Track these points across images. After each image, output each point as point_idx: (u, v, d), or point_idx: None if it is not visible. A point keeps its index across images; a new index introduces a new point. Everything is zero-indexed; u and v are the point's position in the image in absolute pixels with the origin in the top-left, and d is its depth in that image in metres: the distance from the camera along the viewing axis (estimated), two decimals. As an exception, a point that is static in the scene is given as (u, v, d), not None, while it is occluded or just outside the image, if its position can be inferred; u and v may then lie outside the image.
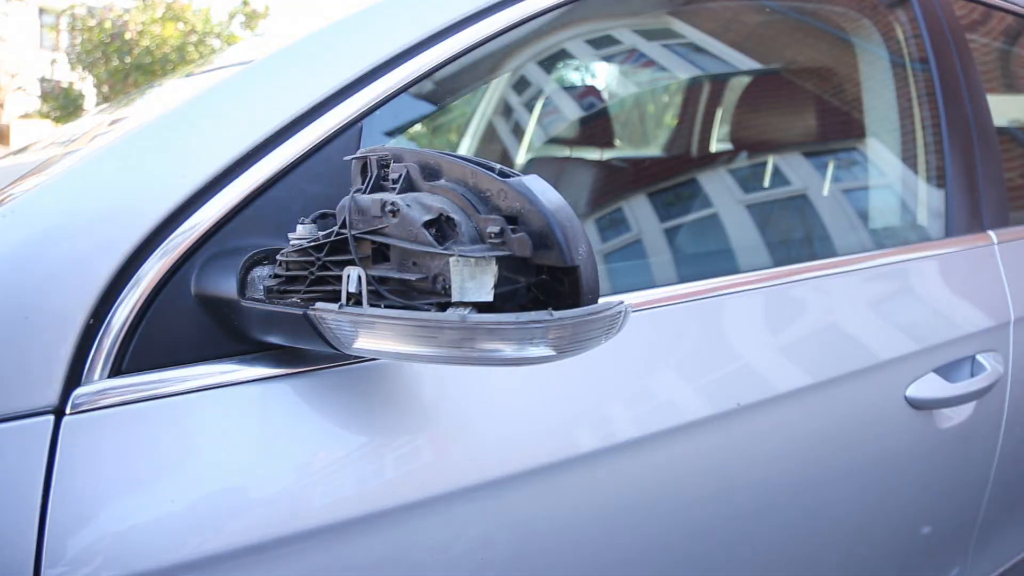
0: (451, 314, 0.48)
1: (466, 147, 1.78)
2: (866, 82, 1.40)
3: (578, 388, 0.77)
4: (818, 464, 0.98)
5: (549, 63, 1.05)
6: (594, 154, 1.72)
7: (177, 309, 0.61)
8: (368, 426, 0.65)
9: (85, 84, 17.32)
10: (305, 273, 0.58)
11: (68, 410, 0.56)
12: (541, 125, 1.63)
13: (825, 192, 1.33)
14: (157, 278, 0.60)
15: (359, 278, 0.53)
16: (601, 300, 0.53)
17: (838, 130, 1.44)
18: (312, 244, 0.58)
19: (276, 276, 0.60)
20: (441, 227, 0.52)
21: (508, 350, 0.49)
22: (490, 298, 0.50)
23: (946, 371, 1.14)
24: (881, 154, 1.42)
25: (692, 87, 1.56)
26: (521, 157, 1.69)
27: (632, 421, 0.80)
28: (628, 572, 0.80)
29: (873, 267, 1.13)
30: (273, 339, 0.60)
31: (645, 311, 0.84)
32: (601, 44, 1.18)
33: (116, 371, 0.58)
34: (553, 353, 0.50)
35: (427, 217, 0.52)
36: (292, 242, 0.59)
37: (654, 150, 1.56)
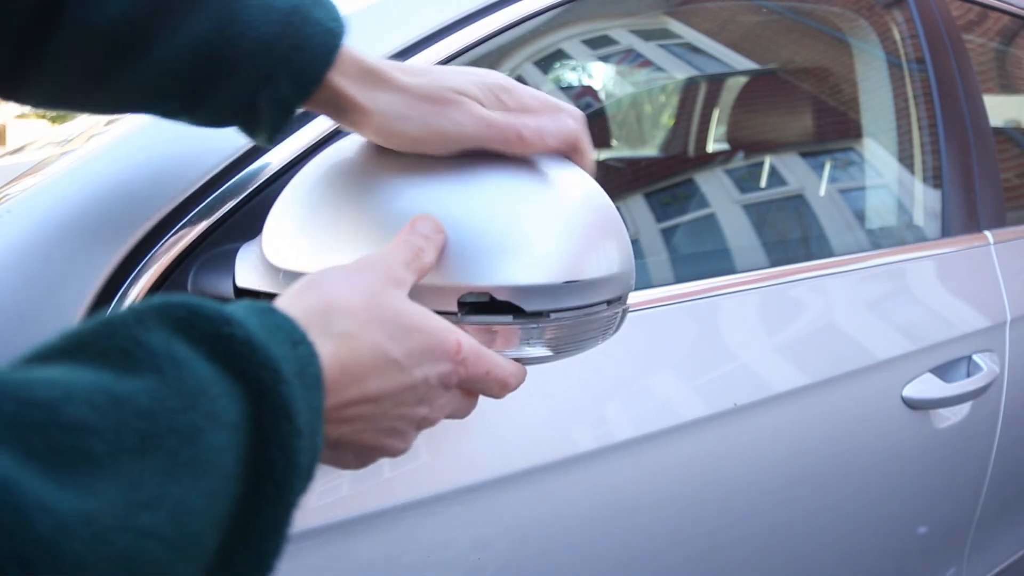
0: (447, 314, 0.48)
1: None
2: (862, 82, 1.40)
3: (575, 388, 0.77)
4: (815, 464, 0.98)
5: (545, 63, 1.04)
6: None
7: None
8: (365, 426, 0.65)
9: (82, 84, 17.25)
10: (302, 273, 0.58)
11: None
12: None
13: (822, 192, 1.33)
14: (154, 278, 0.60)
15: (356, 278, 0.52)
16: (598, 300, 0.52)
17: (834, 130, 1.44)
18: (309, 244, 0.58)
19: (273, 276, 0.60)
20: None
21: (505, 350, 0.49)
22: (487, 298, 0.49)
23: (942, 371, 1.14)
24: (877, 154, 1.42)
25: (689, 87, 1.56)
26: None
27: (629, 421, 0.80)
28: (624, 573, 0.80)
29: (869, 267, 1.13)
30: (270, 339, 0.60)
31: (642, 311, 0.84)
32: (597, 44, 1.18)
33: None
34: (550, 353, 0.50)
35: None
36: (289, 242, 0.59)
37: (651, 150, 1.56)
